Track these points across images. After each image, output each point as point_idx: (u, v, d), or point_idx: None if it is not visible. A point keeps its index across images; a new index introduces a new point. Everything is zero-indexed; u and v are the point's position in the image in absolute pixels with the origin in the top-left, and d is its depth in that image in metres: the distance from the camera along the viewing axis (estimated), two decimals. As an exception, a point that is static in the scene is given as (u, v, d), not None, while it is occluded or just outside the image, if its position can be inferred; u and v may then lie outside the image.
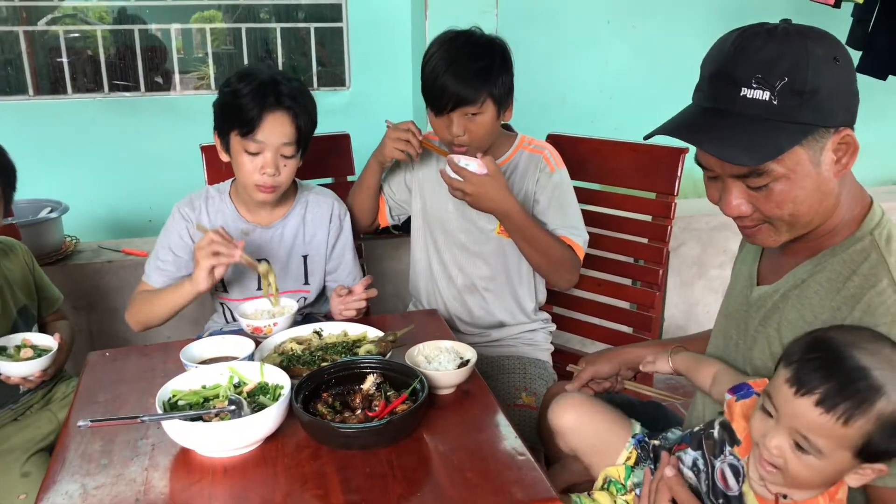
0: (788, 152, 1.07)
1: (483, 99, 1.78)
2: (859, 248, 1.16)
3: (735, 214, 1.18)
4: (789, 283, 1.23)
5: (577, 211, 1.98)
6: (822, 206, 1.14)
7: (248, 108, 1.72)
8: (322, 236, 1.97)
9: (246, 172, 1.78)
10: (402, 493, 1.15)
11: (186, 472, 1.21)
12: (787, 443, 1.02)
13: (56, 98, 3.66)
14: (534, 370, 1.99)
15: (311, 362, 1.49)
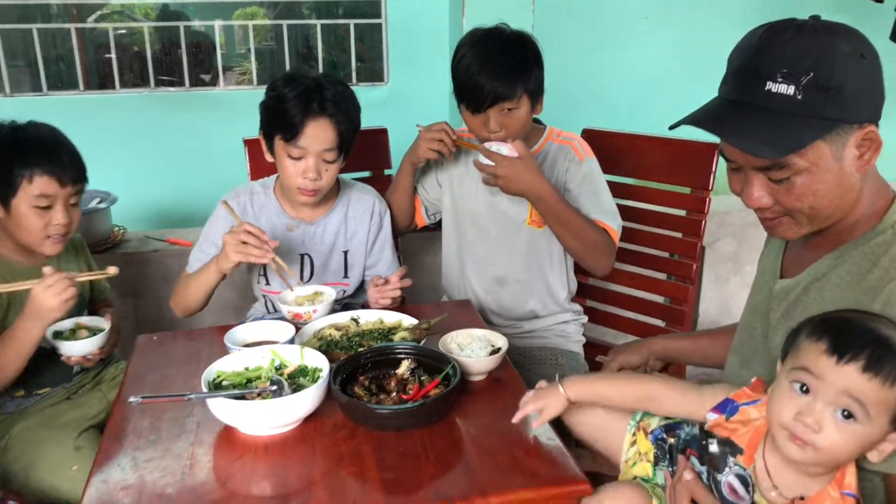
0: (811, 146, 1.09)
1: (519, 94, 1.81)
2: (880, 241, 1.17)
3: (756, 206, 1.19)
4: (811, 277, 1.25)
5: (610, 198, 2.00)
6: (842, 201, 1.16)
7: (292, 114, 1.77)
8: (363, 233, 2.03)
9: (289, 175, 1.84)
10: (434, 472, 1.19)
11: (229, 449, 1.27)
12: (828, 413, 1.03)
13: (104, 93, 3.78)
14: (565, 361, 2.02)
15: (349, 347, 1.55)
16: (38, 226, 1.70)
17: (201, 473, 1.21)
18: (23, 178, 1.66)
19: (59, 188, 1.70)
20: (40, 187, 1.68)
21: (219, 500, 1.14)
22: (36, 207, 1.68)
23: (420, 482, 1.17)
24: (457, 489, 1.15)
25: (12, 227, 1.72)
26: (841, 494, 1.08)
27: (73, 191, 1.74)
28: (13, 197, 1.68)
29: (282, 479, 1.19)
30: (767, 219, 1.22)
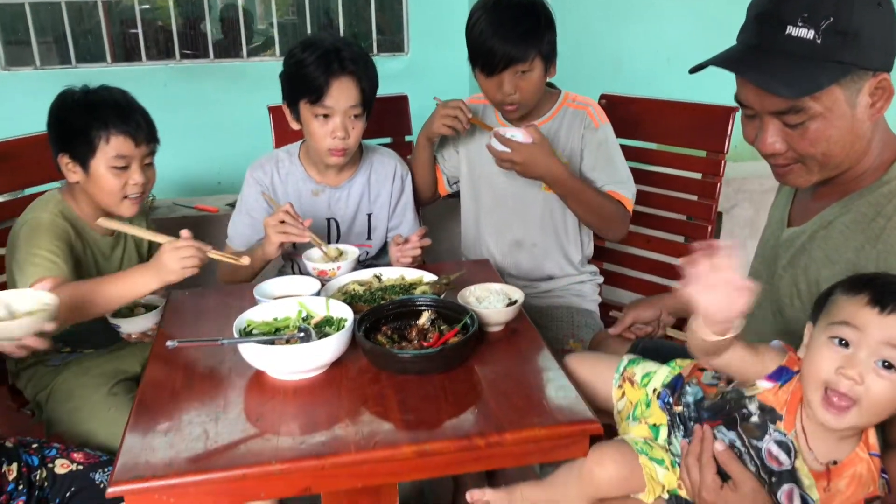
0: (826, 91, 1.12)
1: (532, 56, 1.86)
2: (885, 191, 1.21)
3: (769, 152, 1.23)
4: (817, 225, 1.29)
5: (624, 164, 2.05)
6: (853, 149, 1.19)
7: (315, 76, 1.83)
8: (385, 196, 2.09)
9: (318, 138, 1.90)
10: (453, 412, 1.26)
11: (260, 392, 1.35)
12: (869, 365, 1.04)
13: (131, 65, 3.86)
14: (581, 319, 2.08)
15: (372, 301, 1.61)
16: (116, 186, 1.76)
17: (234, 414, 1.28)
18: (100, 138, 1.73)
19: (135, 148, 1.76)
20: (116, 148, 1.74)
21: (252, 436, 1.21)
22: (113, 168, 1.75)
23: (440, 420, 1.24)
24: (474, 427, 1.22)
25: (92, 189, 1.78)
26: (870, 456, 1.11)
27: (147, 150, 1.81)
28: (92, 157, 1.74)
29: (310, 418, 1.26)
30: (780, 165, 1.26)
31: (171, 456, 1.16)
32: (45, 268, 1.65)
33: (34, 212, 1.78)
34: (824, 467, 1.12)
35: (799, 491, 1.14)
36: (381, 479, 1.21)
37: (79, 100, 1.77)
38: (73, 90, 1.80)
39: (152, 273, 1.59)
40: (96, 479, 1.50)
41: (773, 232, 1.43)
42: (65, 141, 1.77)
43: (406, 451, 1.17)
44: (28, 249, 1.67)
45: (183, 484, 1.12)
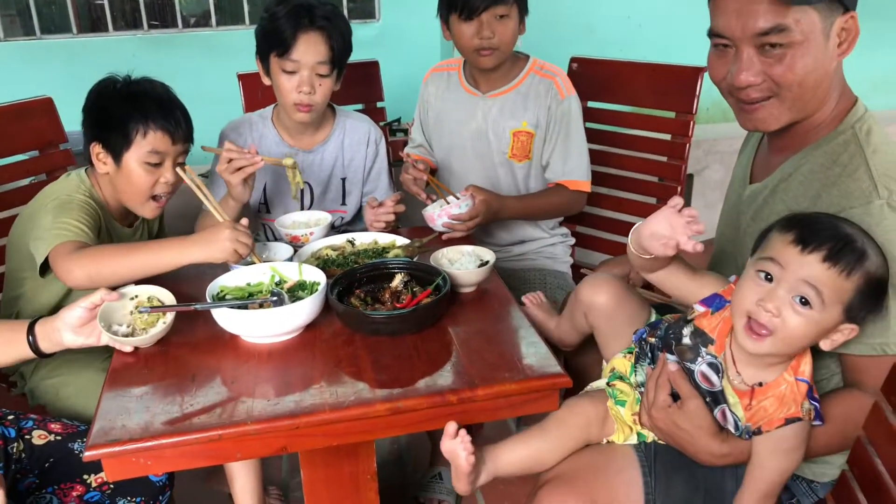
0: (807, 14, 1.16)
1: (511, 1, 1.89)
2: (841, 140, 1.25)
3: (745, 83, 1.24)
4: (777, 179, 1.32)
5: (581, 140, 2.08)
6: (821, 87, 1.23)
7: (284, 29, 1.83)
8: (360, 160, 2.09)
9: (284, 92, 1.90)
10: (426, 370, 1.28)
11: (234, 356, 1.36)
12: (787, 300, 1.11)
13: (98, 36, 3.79)
14: (553, 280, 2.11)
15: (345, 265, 1.63)
16: (147, 182, 1.70)
17: (209, 378, 1.29)
18: (137, 131, 1.67)
19: (171, 145, 1.70)
20: (153, 143, 1.68)
21: (227, 399, 1.23)
22: (146, 164, 1.69)
23: (413, 378, 1.26)
24: (447, 383, 1.24)
25: (121, 183, 1.72)
26: (795, 380, 1.17)
27: (182, 149, 1.75)
28: (126, 150, 1.68)
29: (284, 380, 1.28)
30: (752, 101, 1.26)
31: (147, 419, 1.17)
32: (73, 234, 1.58)
33: (66, 189, 1.72)
34: (749, 388, 1.19)
35: (729, 410, 1.22)
36: (356, 437, 1.24)
37: (120, 89, 1.70)
38: (114, 78, 1.73)
39: (202, 246, 1.53)
40: (75, 448, 1.51)
41: (736, 190, 1.46)
42: (100, 129, 1.70)
43: (380, 409, 1.19)
44: (56, 221, 1.61)
45: (159, 446, 1.13)
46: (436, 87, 2.17)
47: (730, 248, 1.46)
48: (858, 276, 1.09)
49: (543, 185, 2.14)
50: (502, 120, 2.07)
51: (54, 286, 1.74)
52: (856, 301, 1.11)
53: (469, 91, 2.10)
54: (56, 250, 1.55)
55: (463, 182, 2.13)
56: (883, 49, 4.07)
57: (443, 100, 2.16)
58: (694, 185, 3.29)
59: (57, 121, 2.15)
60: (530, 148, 2.07)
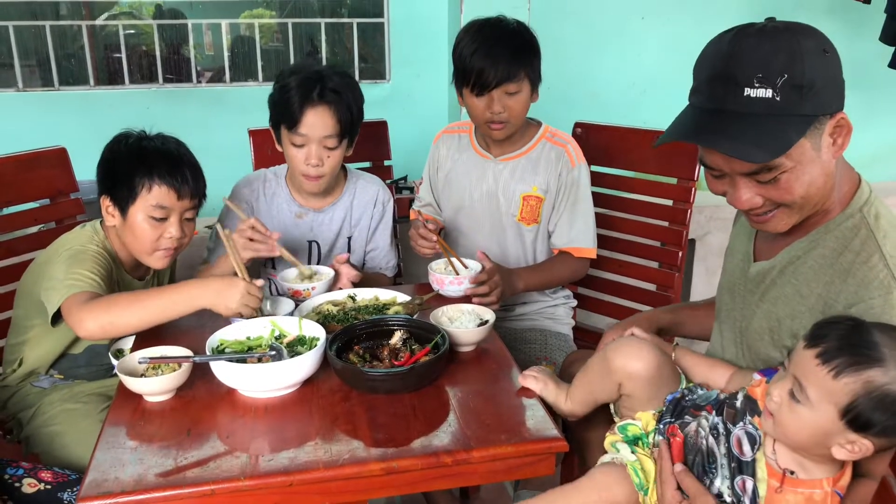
0: (795, 145, 1.14)
1: (522, 76, 1.92)
2: (850, 224, 1.24)
3: (747, 207, 1.24)
4: (785, 260, 1.32)
5: (589, 208, 2.11)
6: (826, 187, 1.22)
7: (292, 102, 1.86)
8: (366, 220, 2.13)
9: (294, 162, 1.94)
10: (422, 430, 1.28)
11: (231, 410, 1.36)
12: (786, 391, 1.12)
13: (114, 88, 3.88)
14: (554, 341, 2.10)
15: (345, 320, 1.63)
16: (151, 237, 1.72)
17: (205, 431, 1.29)
18: (143, 186, 1.69)
19: (176, 200, 1.72)
20: (157, 197, 1.69)
21: (221, 454, 1.22)
22: (151, 218, 1.70)
23: (408, 438, 1.25)
24: (443, 444, 1.24)
25: (126, 235, 1.74)
26: (832, 491, 1.15)
27: (189, 205, 1.76)
28: (132, 203, 1.70)
29: (280, 436, 1.28)
30: (759, 215, 1.25)
31: (140, 472, 1.17)
32: (87, 284, 1.59)
33: (79, 240, 1.74)
34: (781, 472, 1.16)
35: (752, 483, 1.18)
36: (350, 496, 1.23)
37: (132, 144, 1.74)
38: (129, 133, 1.77)
39: (214, 294, 1.53)
40: (65, 498, 1.49)
41: (738, 265, 1.45)
42: (109, 183, 1.74)
43: (374, 468, 1.19)
44: (69, 272, 1.62)
45: (152, 499, 1.13)
46: (447, 148, 2.21)
47: (732, 316, 1.46)
48: (853, 380, 1.06)
49: (550, 249, 2.16)
50: (513, 183, 2.10)
51: (61, 334, 1.75)
52: (859, 408, 1.06)
53: (480, 154, 2.14)
54: (68, 301, 1.56)
55: (472, 242, 2.16)
56: (877, 120, 4.13)
57: (454, 160, 2.19)
58: (696, 250, 3.31)
59: (69, 170, 2.19)
60: (539, 212, 2.10)
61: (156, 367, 1.42)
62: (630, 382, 1.38)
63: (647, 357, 1.37)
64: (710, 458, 1.24)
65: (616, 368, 1.38)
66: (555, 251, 2.15)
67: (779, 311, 1.31)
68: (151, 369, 1.42)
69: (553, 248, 2.15)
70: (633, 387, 1.38)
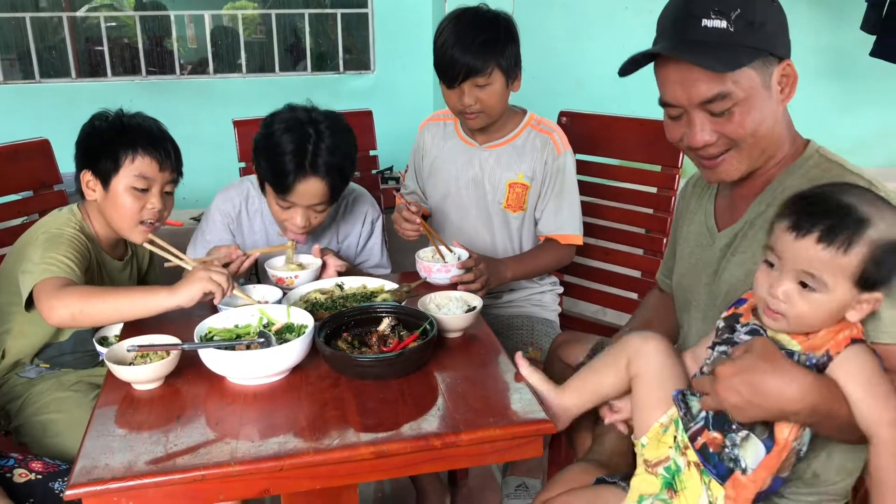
0: (745, 74, 1.25)
1: (491, 69, 1.91)
2: (812, 163, 1.34)
3: (701, 143, 1.32)
4: (753, 213, 1.38)
5: (574, 199, 2.13)
6: (774, 132, 1.31)
7: (284, 171, 1.73)
8: (354, 237, 2.10)
9: (278, 219, 1.87)
10: (411, 414, 1.29)
11: (220, 397, 1.36)
12: (793, 286, 1.13)
13: (96, 80, 3.86)
14: (541, 328, 2.12)
15: (333, 308, 1.64)
16: (134, 209, 1.75)
17: (194, 418, 1.29)
18: (127, 157, 1.73)
19: (158, 171, 1.76)
20: (140, 168, 1.73)
21: (211, 440, 1.23)
22: (133, 189, 1.74)
23: (398, 423, 1.26)
24: (432, 428, 1.24)
25: (108, 208, 1.77)
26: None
27: (170, 178, 1.80)
28: (115, 175, 1.73)
29: (269, 422, 1.28)
30: (711, 157, 1.34)
31: (130, 458, 1.17)
32: (60, 269, 1.60)
33: (56, 223, 1.76)
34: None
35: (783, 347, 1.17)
36: (340, 480, 1.23)
37: (113, 120, 1.78)
38: (107, 111, 1.80)
39: (180, 292, 1.51)
40: (56, 487, 1.50)
41: (699, 245, 1.51)
42: (90, 156, 1.76)
43: (364, 452, 1.20)
44: (44, 256, 1.63)
45: (142, 486, 1.13)
46: (432, 136, 2.22)
47: (699, 299, 1.50)
48: (860, 247, 1.09)
49: (536, 236, 2.17)
50: (499, 171, 2.10)
51: (43, 324, 1.74)
52: (869, 270, 1.10)
53: (466, 141, 2.15)
54: (41, 286, 1.56)
55: (458, 229, 2.16)
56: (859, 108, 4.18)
57: (439, 148, 2.19)
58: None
59: (52, 162, 2.19)
60: (525, 199, 2.11)
61: (144, 356, 1.42)
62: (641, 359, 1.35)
63: (659, 339, 1.37)
64: None
65: (629, 346, 1.37)
66: (541, 238, 2.17)
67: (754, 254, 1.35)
68: (140, 357, 1.42)
69: (539, 235, 2.16)
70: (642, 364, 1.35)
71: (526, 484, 2.24)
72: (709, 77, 1.25)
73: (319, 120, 1.77)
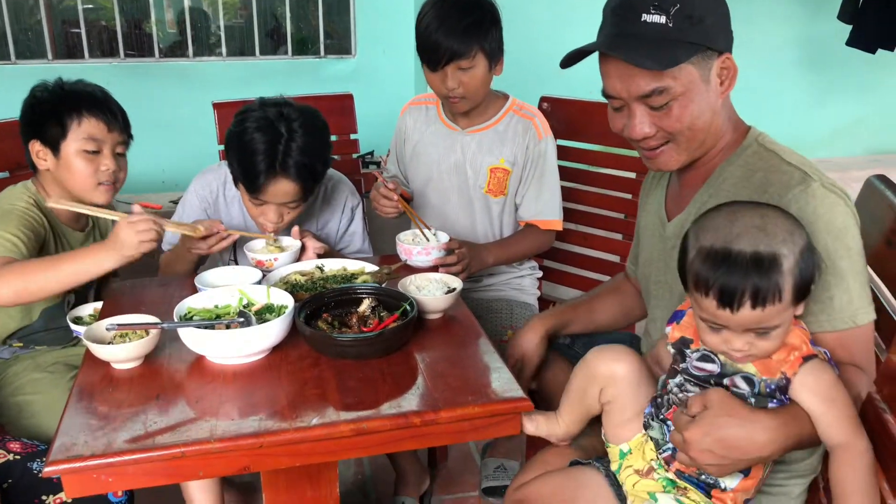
0: (683, 70, 1.27)
1: (474, 53, 1.91)
2: (750, 152, 1.36)
3: (640, 136, 1.35)
4: (697, 204, 1.41)
5: (554, 184, 2.15)
6: (713, 124, 1.34)
7: (255, 171, 1.72)
8: (334, 225, 2.09)
9: (251, 213, 1.87)
10: (391, 393, 1.30)
11: (199, 377, 1.36)
12: (749, 337, 1.15)
13: (73, 62, 3.81)
14: (520, 311, 2.14)
15: (313, 289, 1.64)
16: (88, 171, 1.76)
17: (174, 397, 1.30)
18: (73, 120, 1.73)
19: (107, 132, 1.77)
20: (88, 130, 1.74)
21: (191, 419, 1.23)
22: (84, 152, 1.74)
23: (378, 401, 1.27)
24: (412, 406, 1.26)
25: (63, 175, 1.77)
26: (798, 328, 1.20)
27: (119, 139, 1.81)
28: (63, 140, 1.74)
29: (249, 400, 1.28)
30: (651, 148, 1.38)
31: (109, 436, 1.17)
32: (4, 248, 1.61)
33: (8, 199, 1.75)
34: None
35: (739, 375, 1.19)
36: (319, 457, 1.24)
37: (54, 88, 1.79)
38: (46, 82, 1.80)
39: (108, 249, 1.53)
40: (34, 468, 1.49)
41: (654, 233, 1.56)
42: (37, 126, 1.76)
43: (344, 430, 1.20)
44: None
45: (121, 462, 1.13)
46: (414, 120, 2.22)
47: (661, 281, 1.54)
48: (787, 284, 1.11)
49: (516, 221, 2.19)
50: (480, 155, 2.11)
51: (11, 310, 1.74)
52: (800, 289, 1.14)
53: (448, 125, 2.15)
54: None
55: (440, 214, 2.17)
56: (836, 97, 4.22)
57: (421, 132, 2.20)
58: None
59: (28, 143, 2.16)
60: (506, 184, 2.12)
61: (123, 335, 1.42)
62: (613, 387, 1.36)
63: (628, 359, 1.36)
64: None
65: (597, 374, 1.37)
66: (521, 224, 2.18)
67: None
68: (119, 337, 1.41)
69: (520, 220, 2.18)
70: (615, 392, 1.36)
71: (504, 465, 2.26)
72: (647, 73, 1.27)
73: (292, 118, 1.75)
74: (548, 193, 2.12)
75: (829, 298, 1.23)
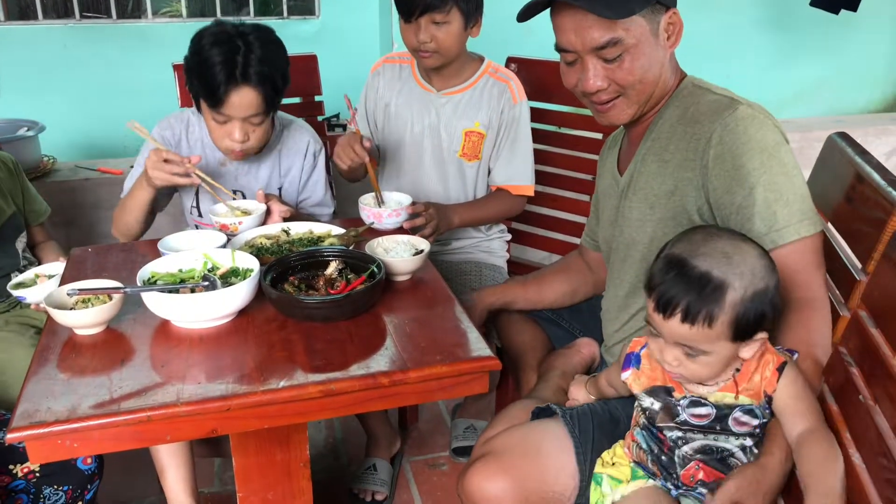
0: (635, 21, 1.33)
1: (450, 7, 1.89)
2: (684, 93, 1.44)
3: (594, 89, 1.39)
4: (643, 150, 1.48)
5: (527, 149, 2.15)
6: (661, 79, 1.41)
7: (215, 82, 1.71)
8: (297, 171, 2.05)
9: (216, 137, 1.84)
10: (359, 355, 1.29)
11: (165, 341, 1.35)
12: (679, 352, 1.16)
13: (26, 23, 3.68)
14: (489, 273, 2.14)
15: (279, 253, 1.62)
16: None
17: (138, 362, 1.28)
18: None
19: None
20: None
21: (157, 383, 1.21)
22: None
23: (346, 363, 1.27)
24: (380, 366, 1.26)
25: None
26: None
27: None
28: None
29: (216, 364, 1.27)
30: (603, 102, 1.42)
31: (73, 402, 1.15)
32: None
33: None
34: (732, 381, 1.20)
35: (740, 410, 1.20)
36: (288, 419, 1.24)
37: None
38: None
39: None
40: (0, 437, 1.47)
41: (610, 193, 1.61)
42: None
43: (312, 391, 1.20)
44: None
45: (86, 427, 1.11)
46: (387, 79, 2.17)
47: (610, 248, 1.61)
48: (723, 315, 1.11)
49: (489, 186, 2.18)
50: (455, 118, 2.09)
51: None
52: (740, 328, 1.13)
53: (423, 87, 2.12)
54: None
55: (413, 178, 2.15)
56: (801, 59, 4.24)
57: (395, 92, 2.16)
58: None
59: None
60: (480, 148, 2.11)
61: (86, 300, 1.39)
62: None
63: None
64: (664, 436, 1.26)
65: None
66: (493, 188, 2.17)
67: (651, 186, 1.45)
68: (81, 302, 1.39)
69: (491, 184, 2.17)
70: None
71: (474, 426, 2.29)
72: (601, 24, 1.32)
73: (248, 32, 1.76)
74: (520, 158, 2.11)
75: (773, 214, 1.28)
